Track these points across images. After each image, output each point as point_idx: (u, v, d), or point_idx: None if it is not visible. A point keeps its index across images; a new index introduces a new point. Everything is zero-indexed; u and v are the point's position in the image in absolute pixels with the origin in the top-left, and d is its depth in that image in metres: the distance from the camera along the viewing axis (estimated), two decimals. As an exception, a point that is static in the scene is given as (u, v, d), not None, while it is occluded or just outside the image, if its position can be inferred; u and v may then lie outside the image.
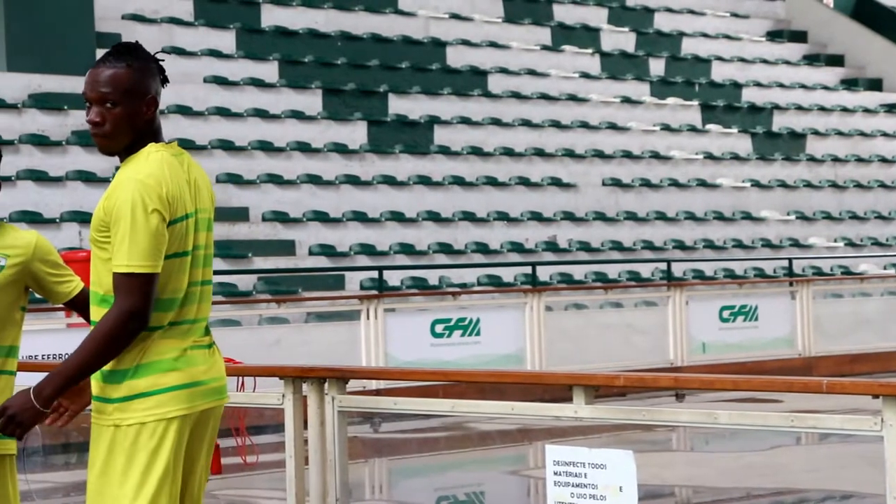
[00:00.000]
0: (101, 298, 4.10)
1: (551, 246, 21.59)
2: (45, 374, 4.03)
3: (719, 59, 28.59)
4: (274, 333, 14.74)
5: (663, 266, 19.75)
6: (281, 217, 19.62)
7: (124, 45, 4.17)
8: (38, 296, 4.79)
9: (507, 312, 16.16)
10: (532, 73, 25.43)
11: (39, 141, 18.50)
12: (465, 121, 23.27)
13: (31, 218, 16.94)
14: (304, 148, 21.01)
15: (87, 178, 17.96)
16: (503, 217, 21.65)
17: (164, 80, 4.22)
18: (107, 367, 4.07)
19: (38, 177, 17.93)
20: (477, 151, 22.75)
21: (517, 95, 24.54)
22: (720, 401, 13.13)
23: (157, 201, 4.00)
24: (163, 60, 4.23)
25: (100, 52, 20.18)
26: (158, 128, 4.18)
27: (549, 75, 25.64)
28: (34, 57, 19.95)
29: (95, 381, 4.12)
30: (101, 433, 4.06)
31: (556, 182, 22.95)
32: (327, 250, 19.51)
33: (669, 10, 29.34)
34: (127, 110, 4.09)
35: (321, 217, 19.96)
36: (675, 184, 24.28)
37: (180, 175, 4.10)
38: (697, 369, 16.56)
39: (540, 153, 23.44)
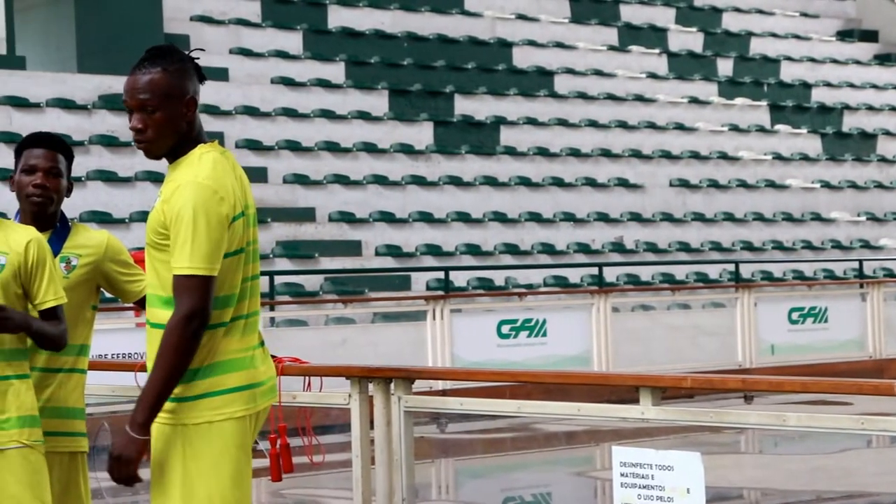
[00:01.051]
0: (161, 300, 4.11)
1: (618, 247, 21.51)
2: (114, 372, 4.06)
3: (788, 58, 28.36)
4: (340, 334, 14.78)
5: (731, 267, 19.62)
6: (347, 217, 19.67)
7: (157, 48, 4.17)
8: (108, 295, 4.83)
9: (574, 313, 16.11)
10: (599, 73, 25.34)
11: (109, 142, 18.67)
12: (532, 121, 23.23)
13: (101, 218, 17.09)
14: (370, 149, 21.05)
15: (156, 178, 18.10)
16: (570, 218, 21.59)
17: (202, 79, 4.20)
18: None
19: (108, 177, 18.09)
20: (543, 152, 22.70)
21: (584, 96, 24.47)
22: (789, 403, 13.03)
23: (219, 203, 4.02)
24: (198, 58, 4.20)
25: (169, 54, 20.34)
26: (200, 128, 4.18)
27: (616, 76, 25.54)
28: (104, 59, 20.13)
29: None
30: (167, 432, 4.07)
31: (623, 183, 22.85)
32: (394, 251, 19.54)
33: (738, 9, 29.13)
34: (167, 114, 4.09)
35: (388, 218, 19.99)
36: (743, 184, 24.11)
37: (231, 173, 4.12)
38: (766, 371, 16.43)
39: (607, 154, 23.35)
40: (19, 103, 18.44)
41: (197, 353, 4.03)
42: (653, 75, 26.09)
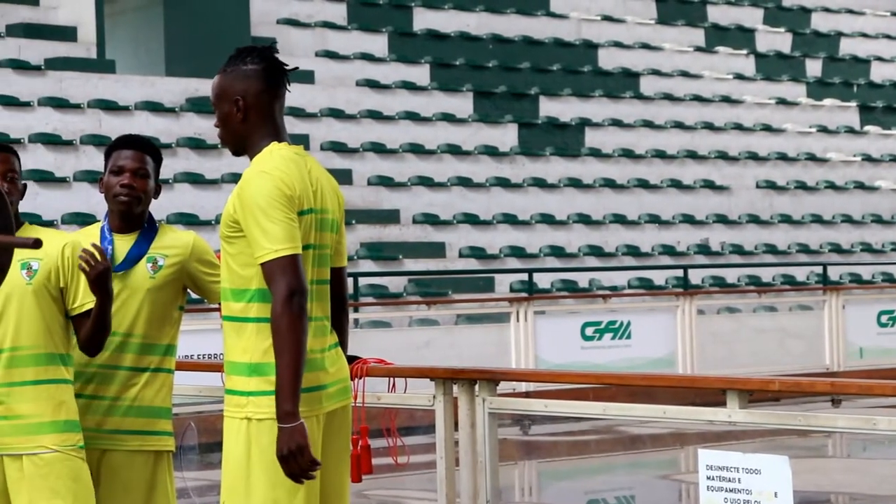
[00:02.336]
0: (232, 293, 4.11)
1: (703, 249, 21.35)
2: (202, 373, 4.07)
3: (879, 59, 28.00)
4: (424, 335, 14.80)
5: (819, 269, 19.41)
6: (431, 219, 19.70)
7: (236, 50, 4.22)
8: (194, 296, 4.86)
9: (658, 316, 16.02)
10: (685, 74, 25.18)
11: (196, 144, 18.84)
12: (617, 123, 23.13)
13: (188, 220, 17.25)
14: (454, 150, 21.06)
15: (242, 180, 18.22)
16: (654, 220, 21.47)
17: (278, 77, 4.16)
18: (241, 360, 4.08)
19: (195, 179, 18.26)
20: (628, 154, 22.60)
21: (669, 97, 24.32)
22: (878, 407, 12.86)
23: (284, 189, 4.05)
24: (275, 53, 4.20)
25: (255, 57, 20.48)
26: (278, 128, 4.17)
27: (703, 77, 25.36)
28: (192, 62, 20.32)
29: (228, 375, 4.14)
30: (234, 426, 4.08)
31: (709, 184, 22.69)
32: (477, 252, 19.53)
33: (827, 9, 28.80)
34: (220, 114, 4.19)
35: (471, 219, 19.99)
36: (831, 186, 23.84)
37: (303, 172, 4.13)
38: (854, 374, 16.24)
39: (692, 155, 23.20)
40: (109, 106, 18.66)
41: (263, 348, 4.03)
42: (740, 76, 25.87)
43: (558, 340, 15.00)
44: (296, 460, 3.93)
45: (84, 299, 4.52)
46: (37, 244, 3.26)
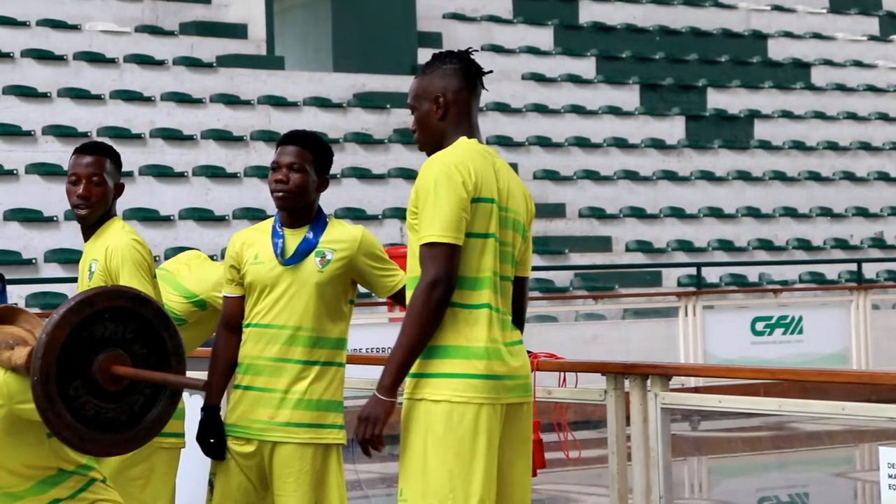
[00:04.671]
0: (415, 280, 4.13)
1: (878, 242, 20.90)
2: (370, 366, 4.09)
3: None
4: (590, 330, 14.72)
5: None
6: (597, 213, 19.59)
7: (433, 55, 4.33)
8: (362, 290, 4.87)
9: (831, 311, 15.73)
10: (858, 64, 24.64)
11: (363, 139, 18.99)
12: (787, 114, 22.75)
13: (355, 214, 17.40)
14: (620, 144, 20.92)
15: (409, 175, 18.32)
16: (826, 213, 21.08)
17: (471, 75, 4.26)
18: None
19: (362, 174, 18.40)
20: (799, 146, 22.22)
21: (842, 88, 23.84)
22: None
23: (460, 173, 4.09)
24: (472, 54, 4.29)
25: (421, 52, 20.61)
26: (470, 126, 4.25)
27: (877, 66, 24.79)
28: (359, 58, 20.50)
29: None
30: (410, 407, 4.12)
31: (884, 176, 22.19)
32: (644, 246, 19.37)
33: None
34: (419, 114, 4.26)
35: (638, 213, 19.84)
36: None
37: (486, 165, 4.18)
38: None
39: (866, 147, 22.71)
40: (278, 102, 18.92)
41: (444, 332, 4.06)
42: (915, 65, 25.26)
43: (728, 335, 14.80)
44: (370, 428, 4.03)
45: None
46: (205, 387, 3.32)
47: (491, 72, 4.39)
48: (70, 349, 3.60)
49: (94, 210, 4.75)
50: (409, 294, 4.14)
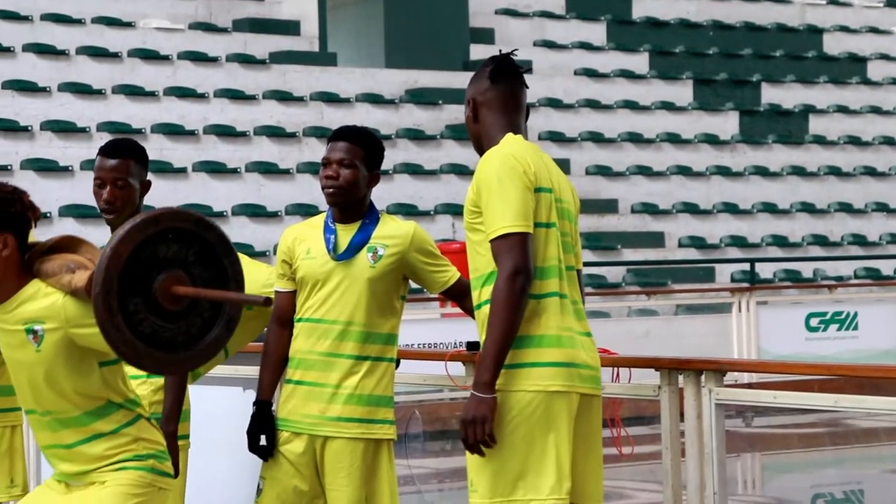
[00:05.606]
0: (478, 280, 4.14)
1: (934, 238, 20.73)
2: (423, 361, 4.08)
3: None
4: (643, 325, 14.67)
5: None
6: (650, 209, 19.52)
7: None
8: (414, 286, 4.87)
9: (887, 306, 15.62)
10: (914, 58, 24.46)
11: (415, 135, 19.01)
12: (842, 109, 22.59)
13: (407, 210, 17.42)
14: (674, 139, 20.83)
15: (460, 171, 18.32)
16: (882, 208, 20.92)
17: (497, 75, 4.24)
18: None
19: (414, 170, 18.42)
20: (854, 141, 22.06)
21: (898, 82, 23.67)
22: None
23: (521, 165, 4.11)
24: (514, 54, 4.29)
25: (473, 48, 20.60)
26: (510, 124, 4.25)
27: (932, 60, 24.59)
28: (411, 54, 20.52)
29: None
30: None
31: (940, 171, 22.01)
32: (697, 242, 19.29)
33: None
34: (466, 115, 4.32)
35: (691, 209, 19.75)
36: None
37: (537, 156, 4.21)
38: None
39: (922, 141, 22.53)
40: (330, 99, 18.96)
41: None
42: (972, 59, 25.01)
43: (782, 331, 14.71)
44: (475, 428, 3.98)
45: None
46: (267, 302, 3.32)
47: (527, 70, 4.36)
48: (133, 265, 3.62)
49: (120, 213, 4.76)
50: (474, 295, 4.14)
